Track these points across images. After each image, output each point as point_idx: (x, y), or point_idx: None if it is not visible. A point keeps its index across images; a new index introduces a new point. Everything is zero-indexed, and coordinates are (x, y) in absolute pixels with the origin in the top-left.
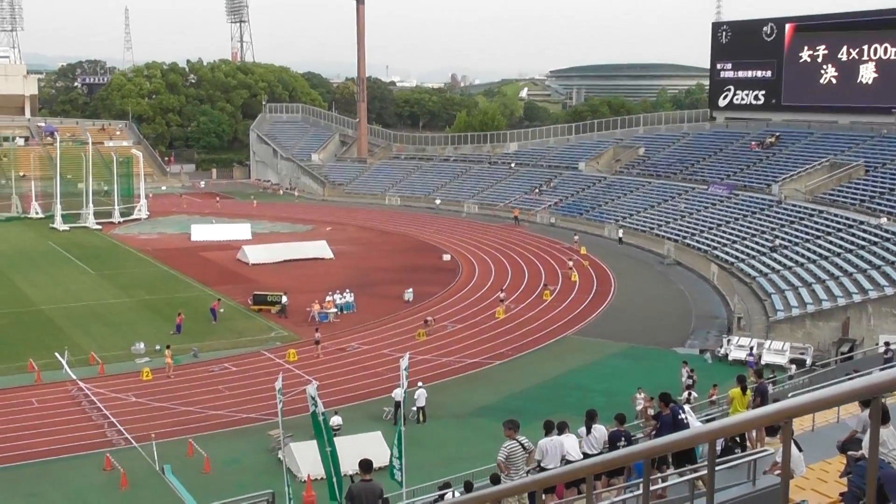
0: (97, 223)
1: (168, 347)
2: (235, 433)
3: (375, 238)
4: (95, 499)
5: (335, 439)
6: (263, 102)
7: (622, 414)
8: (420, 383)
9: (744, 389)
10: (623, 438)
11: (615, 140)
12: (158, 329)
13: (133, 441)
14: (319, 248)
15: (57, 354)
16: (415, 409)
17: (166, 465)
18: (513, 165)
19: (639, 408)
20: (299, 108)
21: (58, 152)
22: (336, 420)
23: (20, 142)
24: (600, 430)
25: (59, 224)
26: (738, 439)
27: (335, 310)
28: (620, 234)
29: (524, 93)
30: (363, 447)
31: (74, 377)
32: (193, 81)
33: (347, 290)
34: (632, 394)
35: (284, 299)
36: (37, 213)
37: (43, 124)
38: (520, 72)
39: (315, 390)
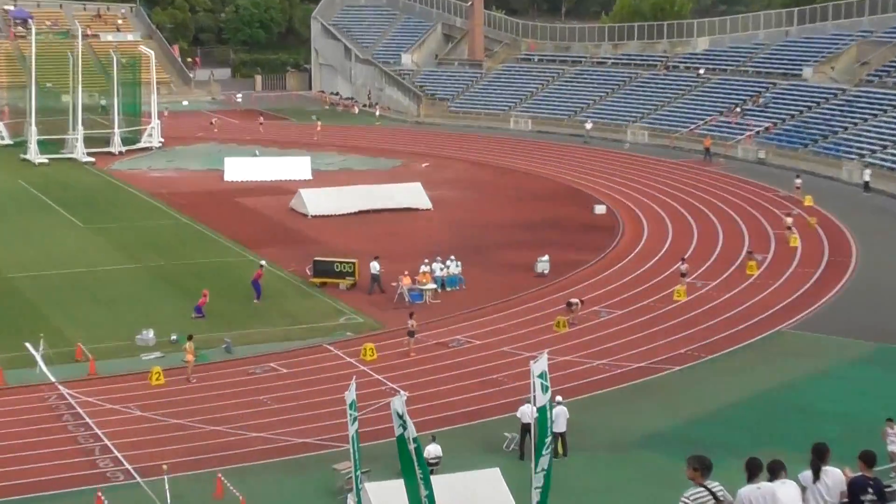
0: (89, 154)
1: (189, 339)
2: (285, 466)
3: (494, 180)
4: None
5: (432, 477)
6: None
7: (869, 452)
8: (558, 398)
9: None
10: (870, 489)
11: (860, 34)
12: (175, 310)
13: (136, 475)
14: (412, 195)
15: (28, 345)
16: (550, 435)
17: None
18: (702, 72)
19: (893, 448)
20: None
21: (32, 49)
22: (434, 450)
23: None
24: (834, 476)
25: (33, 154)
26: None
27: (433, 286)
28: (867, 178)
29: None
30: (474, 490)
31: (53, 379)
32: None
33: (452, 258)
34: (882, 426)
35: (376, 267)
36: (2, 137)
37: (12, 7)
38: None
39: (403, 405)
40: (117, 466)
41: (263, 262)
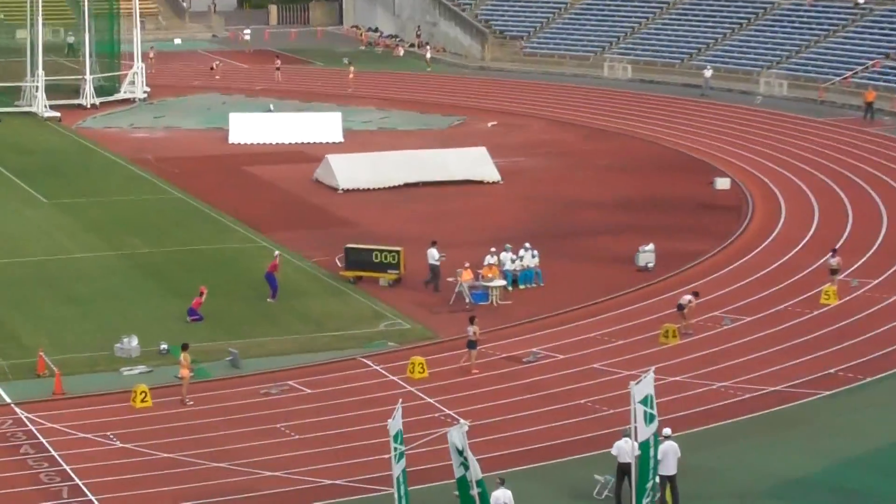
0: (52, 107)
1: (184, 349)
2: None
3: (582, 144)
4: None
5: None
6: None
7: None
8: (667, 431)
9: None
10: None
11: None
12: (165, 312)
13: None
14: (474, 163)
15: None
16: (655, 479)
17: None
18: (861, 0)
19: None
20: None
21: None
22: (503, 496)
23: None
24: None
25: None
26: None
27: (502, 282)
28: None
29: None
30: None
31: (7, 399)
32: None
33: (526, 246)
34: None
35: (435, 256)
36: None
37: None
38: None
39: (464, 438)
40: None
41: (279, 254)
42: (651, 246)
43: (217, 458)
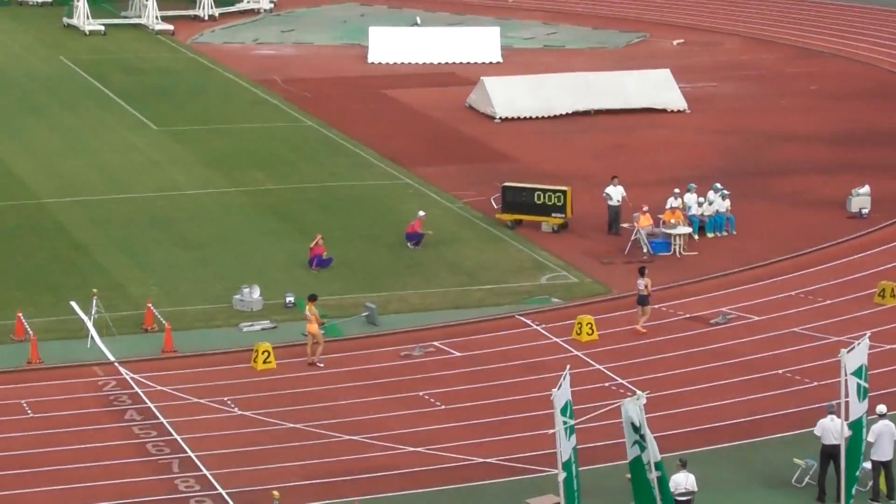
0: (164, 19)
1: (312, 300)
2: (456, 498)
3: (784, 66)
4: None
5: None
6: None
7: None
8: (881, 408)
9: None
10: None
11: None
12: (292, 258)
13: None
14: (655, 88)
15: (75, 306)
16: (865, 466)
17: None
18: None
19: None
20: None
21: None
22: (685, 481)
23: None
24: None
25: (82, 18)
26: None
27: (686, 229)
28: None
29: None
30: None
31: (111, 356)
32: None
33: (717, 187)
34: None
35: (617, 195)
36: None
37: None
38: None
39: (642, 412)
40: (205, 490)
41: (422, 213)
42: (866, 188)
43: (350, 429)
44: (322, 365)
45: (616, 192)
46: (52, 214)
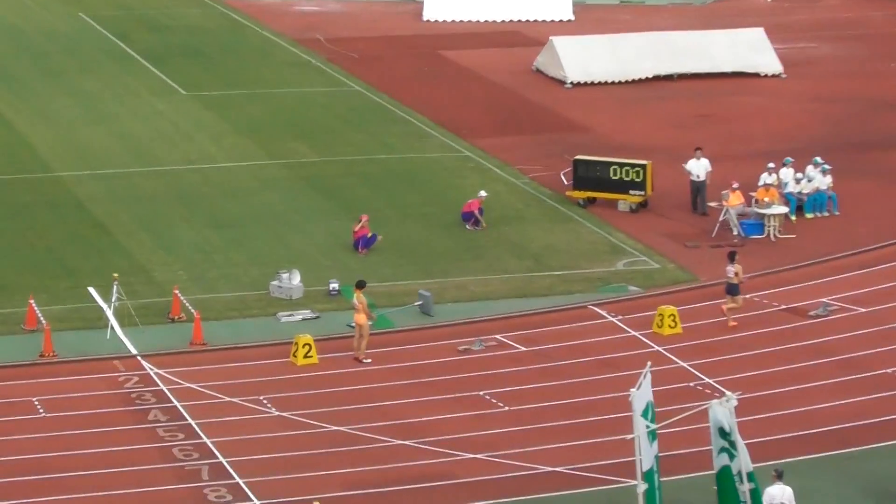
0: None
1: (359, 288)
2: None
3: (894, 24)
4: None
5: None
6: None
7: None
8: None
9: None
10: None
11: None
12: (337, 239)
13: None
14: (747, 50)
15: (93, 293)
16: None
17: None
18: None
19: None
20: None
21: None
22: (780, 494)
23: None
24: None
25: None
26: None
27: (782, 209)
28: None
29: None
30: None
31: (133, 349)
32: None
33: (817, 161)
34: None
35: (701, 169)
36: None
37: None
38: None
39: (730, 415)
40: (238, 501)
41: (484, 193)
42: None
43: (401, 433)
44: (369, 361)
45: (700, 167)
46: (68, 189)
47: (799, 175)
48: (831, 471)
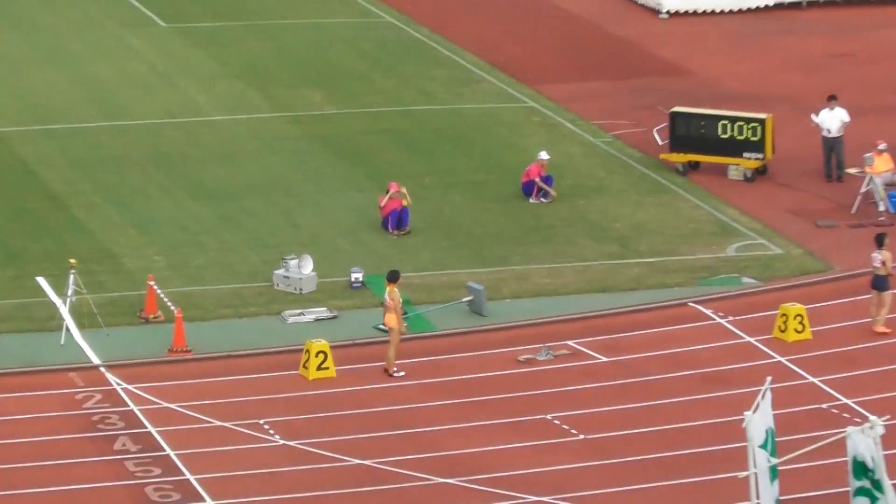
0: None
1: (392, 280)
2: None
3: None
4: None
5: None
6: None
7: None
8: None
9: None
10: None
11: None
12: (360, 215)
13: None
14: None
15: (41, 282)
16: None
17: None
18: None
19: None
20: None
21: None
22: None
23: None
24: None
25: None
26: None
27: None
28: None
29: None
30: None
31: (93, 355)
32: None
33: None
34: None
35: (836, 120)
36: None
37: None
38: None
39: (874, 445)
40: None
41: (545, 155)
42: None
43: (445, 469)
44: (402, 374)
45: (834, 120)
46: (13, 150)
47: None
48: None
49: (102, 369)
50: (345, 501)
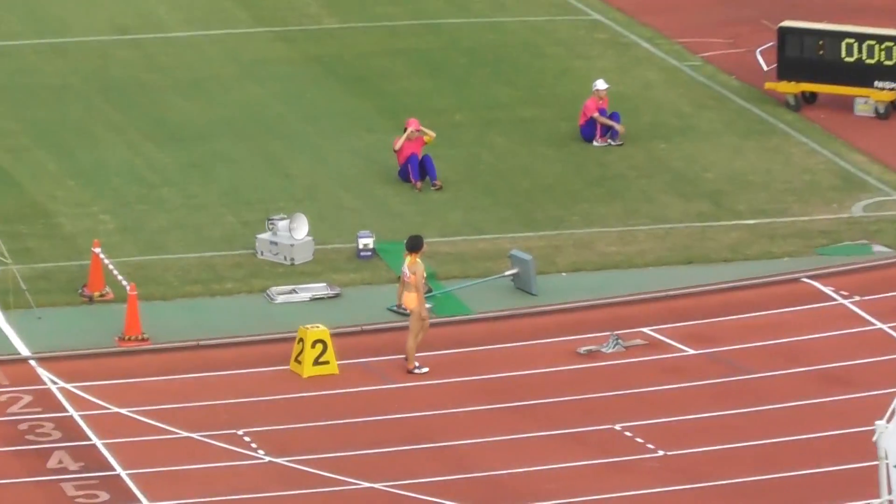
0: None
1: (413, 249)
2: None
3: None
4: None
5: None
6: None
7: None
8: None
9: None
10: None
11: None
12: (367, 159)
13: None
14: None
15: None
16: None
17: None
18: None
19: None
20: None
21: None
22: None
23: None
24: None
25: None
26: None
27: None
28: None
29: None
30: None
31: (24, 350)
32: None
33: None
34: None
35: None
36: None
37: None
38: None
39: None
40: None
41: (602, 84)
42: None
43: (482, 492)
44: (425, 370)
45: None
46: None
47: None
48: None
49: (33, 363)
50: None
